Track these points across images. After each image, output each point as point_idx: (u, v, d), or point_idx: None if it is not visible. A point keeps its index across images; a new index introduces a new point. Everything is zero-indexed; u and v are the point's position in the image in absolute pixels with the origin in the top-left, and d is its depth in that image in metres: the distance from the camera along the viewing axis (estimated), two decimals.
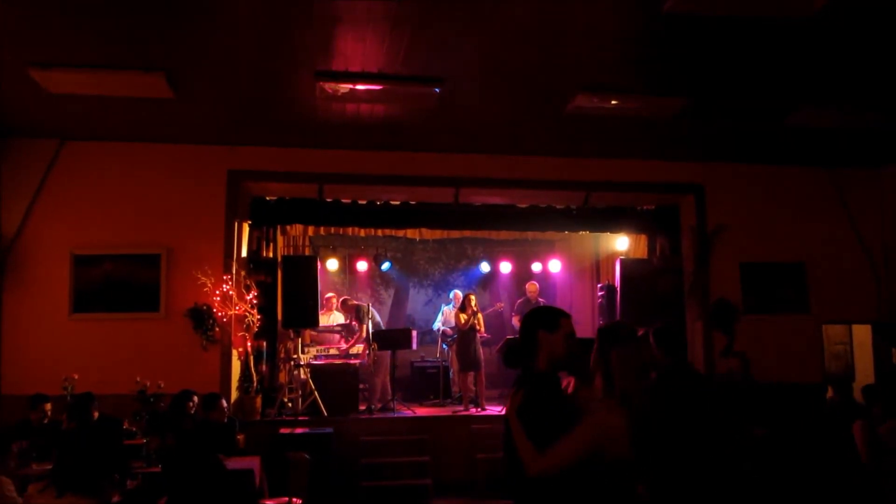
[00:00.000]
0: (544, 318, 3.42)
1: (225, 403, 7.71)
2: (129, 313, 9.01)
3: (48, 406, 7.43)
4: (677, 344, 4.75)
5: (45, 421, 7.37)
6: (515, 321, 12.19)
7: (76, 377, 7.96)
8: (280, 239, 10.95)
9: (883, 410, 6.12)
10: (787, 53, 6.73)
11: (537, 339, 3.36)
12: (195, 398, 7.75)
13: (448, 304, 12.49)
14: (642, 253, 11.57)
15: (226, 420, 7.63)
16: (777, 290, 10.26)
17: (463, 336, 11.06)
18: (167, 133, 9.04)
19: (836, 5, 5.67)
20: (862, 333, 10.71)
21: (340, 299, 12.12)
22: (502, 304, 13.39)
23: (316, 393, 9.60)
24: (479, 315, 11.26)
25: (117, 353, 8.77)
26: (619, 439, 3.14)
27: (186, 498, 5.50)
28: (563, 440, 3.10)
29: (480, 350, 11.10)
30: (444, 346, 12.34)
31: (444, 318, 12.44)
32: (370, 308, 11.41)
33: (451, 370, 12.17)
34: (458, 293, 12.05)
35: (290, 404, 9.78)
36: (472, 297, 11.31)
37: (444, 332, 12.32)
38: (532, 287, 12.49)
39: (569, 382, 4.17)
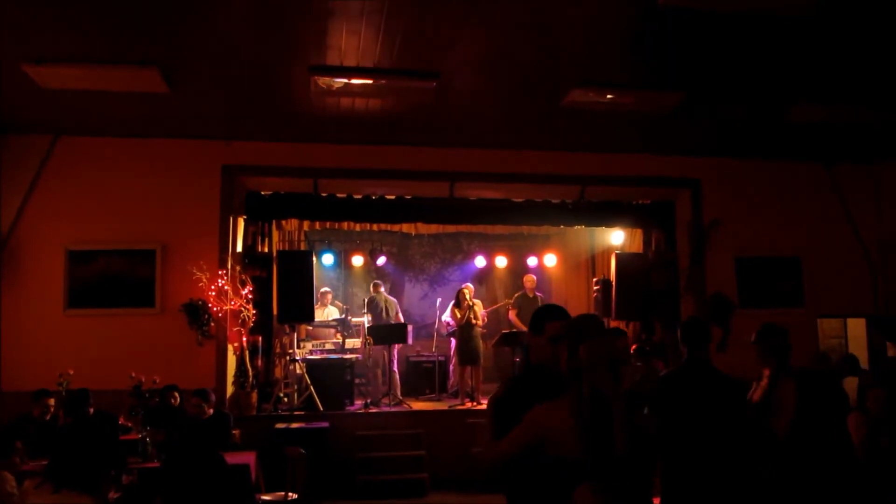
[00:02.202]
0: (532, 321, 3.46)
1: (202, 398, 7.62)
2: (124, 309, 9.00)
3: (51, 401, 7.43)
4: (700, 338, 4.73)
5: (48, 417, 7.36)
6: (512, 315, 12.19)
7: (71, 373, 7.94)
8: (275, 234, 10.91)
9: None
10: (783, 49, 6.73)
11: (529, 339, 3.41)
12: (177, 393, 7.76)
13: None
14: (638, 247, 11.57)
15: (208, 415, 7.59)
16: (772, 285, 10.30)
17: (462, 330, 11.07)
18: (161, 128, 9.01)
19: (833, 1, 5.67)
20: (856, 327, 10.73)
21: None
22: (510, 301, 13.32)
23: (312, 388, 9.60)
24: (476, 308, 11.24)
25: (112, 348, 8.75)
26: (560, 437, 3.07)
27: (185, 493, 5.50)
28: (507, 436, 3.16)
29: (480, 344, 11.11)
30: (450, 336, 12.30)
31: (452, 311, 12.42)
32: (373, 299, 11.54)
33: (451, 363, 12.18)
34: (470, 287, 11.97)
35: (285, 399, 9.79)
36: (467, 291, 11.30)
37: (446, 323, 12.28)
38: (530, 281, 12.48)
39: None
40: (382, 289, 12.35)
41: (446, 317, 12.27)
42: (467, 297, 11.20)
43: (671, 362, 7.93)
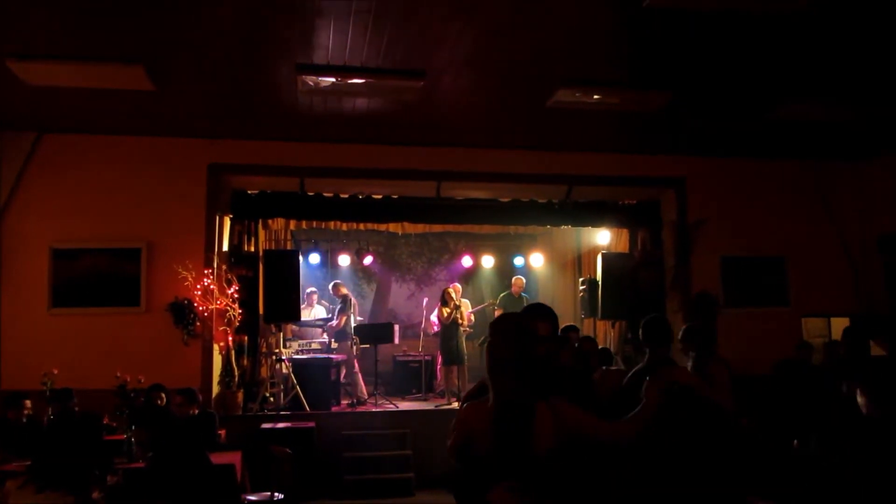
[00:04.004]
0: None
1: (188, 398, 7.57)
2: (109, 308, 8.94)
3: (27, 403, 7.37)
4: (661, 337, 4.79)
5: (24, 420, 7.29)
6: (497, 315, 12.20)
7: (56, 372, 7.87)
8: (261, 233, 10.87)
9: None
10: (770, 48, 6.77)
11: None
12: (163, 394, 7.71)
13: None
14: (624, 247, 11.61)
15: (194, 415, 7.54)
16: (757, 284, 10.37)
17: (446, 330, 11.08)
18: (147, 126, 8.96)
19: (819, 1, 5.70)
20: (840, 326, 10.79)
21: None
22: (495, 301, 13.34)
23: (298, 387, 9.57)
24: (462, 309, 11.25)
25: (97, 347, 8.70)
26: (480, 436, 3.14)
27: (170, 493, 5.47)
28: None
29: (464, 344, 11.11)
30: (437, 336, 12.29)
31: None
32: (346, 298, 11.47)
33: (438, 363, 12.18)
34: (457, 286, 11.96)
35: (271, 399, 9.76)
36: (453, 291, 11.30)
37: (433, 323, 12.29)
38: (518, 283, 12.48)
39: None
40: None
41: (434, 316, 12.27)
42: (454, 296, 11.20)
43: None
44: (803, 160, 10.51)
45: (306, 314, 11.61)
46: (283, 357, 10.11)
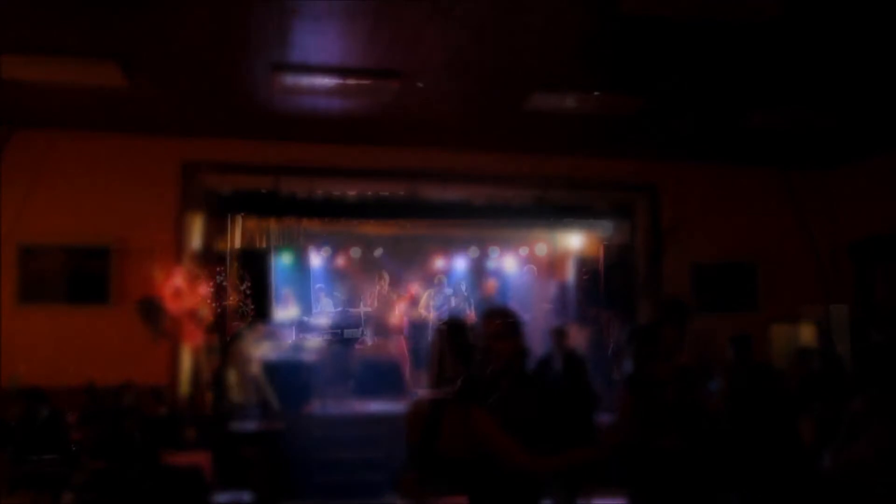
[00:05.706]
0: None
1: (156, 397, 7.54)
2: (77, 305, 8.85)
3: None
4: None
5: None
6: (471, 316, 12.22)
7: (23, 370, 7.78)
8: (234, 232, 10.80)
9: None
10: (743, 56, 6.84)
11: None
12: (131, 392, 7.64)
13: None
14: (596, 251, 11.68)
15: (162, 415, 7.49)
16: (728, 290, 10.47)
17: (417, 331, 11.07)
18: (120, 122, 8.87)
19: (792, 10, 5.78)
20: (809, 333, 10.92)
21: None
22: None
23: (269, 388, 9.52)
24: (427, 308, 11.26)
25: (65, 345, 8.60)
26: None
27: (132, 493, 5.43)
28: None
29: None
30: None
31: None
32: None
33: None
34: (429, 290, 11.94)
35: (242, 399, 9.69)
36: (425, 294, 11.31)
37: (405, 324, 12.28)
38: (490, 286, 12.50)
39: None
40: None
41: (404, 317, 12.29)
42: (425, 298, 11.21)
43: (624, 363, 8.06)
44: (775, 167, 10.63)
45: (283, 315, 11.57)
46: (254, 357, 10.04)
